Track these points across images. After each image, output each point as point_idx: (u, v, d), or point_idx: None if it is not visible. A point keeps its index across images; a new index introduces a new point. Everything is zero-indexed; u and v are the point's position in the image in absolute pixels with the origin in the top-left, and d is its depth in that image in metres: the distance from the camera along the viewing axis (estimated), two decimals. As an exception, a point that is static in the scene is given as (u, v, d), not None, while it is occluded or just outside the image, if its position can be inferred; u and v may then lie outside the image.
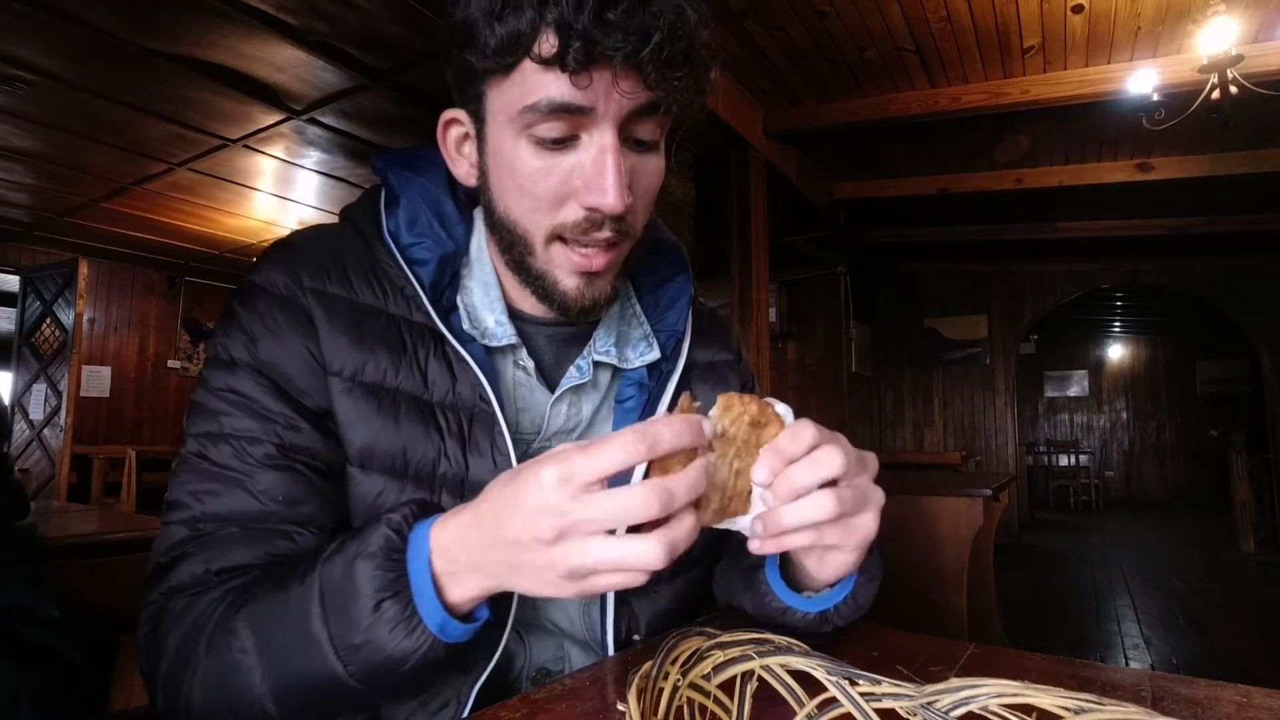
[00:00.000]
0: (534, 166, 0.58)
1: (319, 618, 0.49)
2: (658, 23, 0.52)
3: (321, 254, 0.66)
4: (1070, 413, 11.65)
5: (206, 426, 0.60)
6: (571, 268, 0.62)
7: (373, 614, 0.48)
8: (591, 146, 0.58)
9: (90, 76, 3.38)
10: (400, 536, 0.50)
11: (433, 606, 0.48)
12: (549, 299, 0.65)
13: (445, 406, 0.64)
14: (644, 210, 0.64)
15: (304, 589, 0.51)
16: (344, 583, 0.49)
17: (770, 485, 0.49)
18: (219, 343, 0.63)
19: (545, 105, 0.55)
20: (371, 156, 0.72)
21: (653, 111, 0.58)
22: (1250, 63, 3.00)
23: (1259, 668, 3.38)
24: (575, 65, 0.52)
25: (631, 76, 0.54)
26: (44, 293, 6.04)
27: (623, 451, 0.42)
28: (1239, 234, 5.77)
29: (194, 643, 0.53)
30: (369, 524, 0.52)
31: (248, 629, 0.52)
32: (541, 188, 0.59)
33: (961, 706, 0.44)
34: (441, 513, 0.52)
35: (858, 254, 6.70)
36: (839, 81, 3.77)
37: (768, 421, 0.50)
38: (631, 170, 0.60)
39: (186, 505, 0.59)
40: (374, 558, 0.49)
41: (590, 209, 0.59)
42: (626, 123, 0.58)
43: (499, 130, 0.60)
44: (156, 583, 0.58)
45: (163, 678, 0.55)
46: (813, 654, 0.51)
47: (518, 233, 0.63)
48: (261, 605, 0.52)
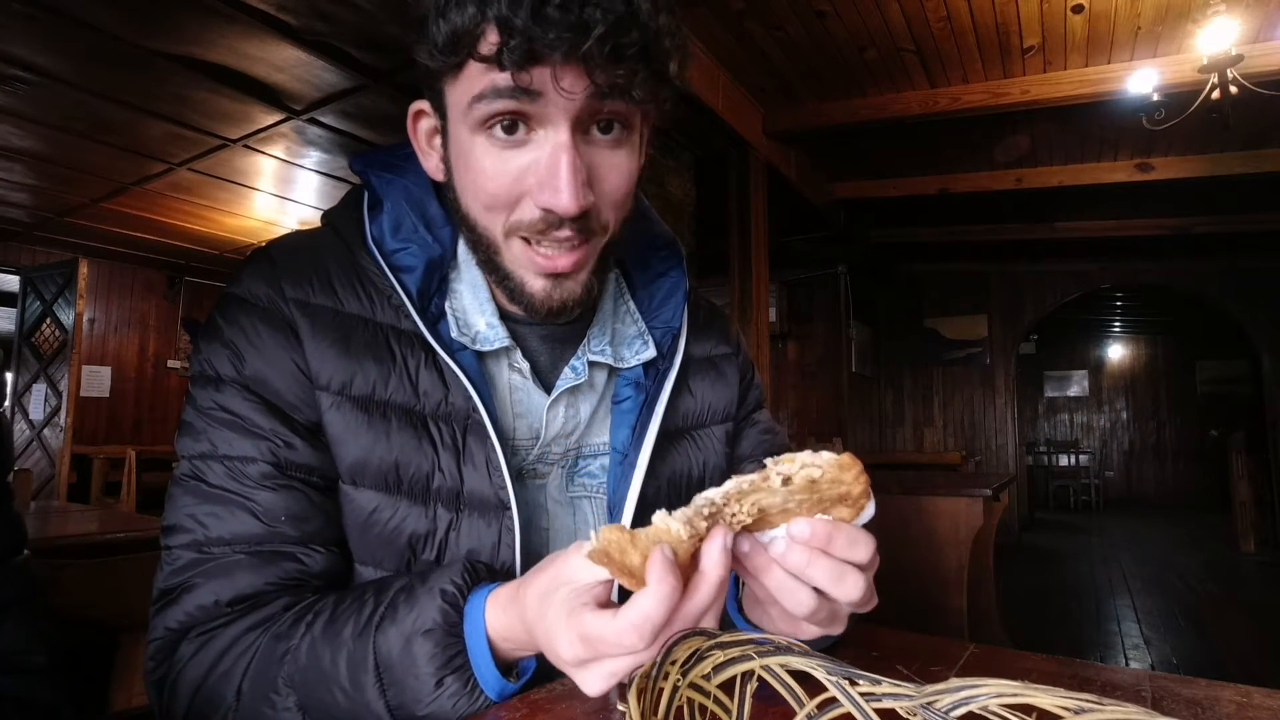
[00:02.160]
0: (488, 164, 0.57)
1: (376, 690, 0.50)
2: (600, 15, 0.50)
3: (303, 263, 0.64)
4: (1070, 413, 11.64)
5: (199, 447, 0.59)
6: (535, 269, 0.60)
7: (435, 690, 0.49)
8: (545, 144, 0.56)
9: (90, 76, 3.38)
10: (456, 610, 0.50)
11: (493, 679, 0.50)
12: (518, 300, 0.63)
13: (438, 417, 0.62)
14: (614, 206, 0.61)
15: (356, 657, 0.51)
16: (402, 658, 0.50)
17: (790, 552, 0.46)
18: (203, 359, 0.61)
19: (490, 92, 0.54)
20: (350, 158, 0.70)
21: (612, 97, 0.54)
22: (1250, 63, 3.00)
23: (1259, 668, 3.37)
24: (514, 63, 0.51)
25: (574, 72, 0.52)
26: (44, 293, 6.04)
27: (618, 649, 0.42)
28: (1239, 234, 5.76)
29: (221, 689, 0.53)
30: (419, 590, 0.52)
31: (290, 689, 0.52)
32: (495, 186, 0.57)
33: (961, 706, 0.44)
34: (487, 575, 0.53)
35: (858, 254, 6.69)
36: (839, 81, 3.77)
37: (851, 505, 0.47)
38: (593, 166, 0.57)
39: (188, 529, 0.57)
40: (433, 634, 0.49)
41: (545, 209, 0.57)
42: (584, 117, 0.55)
43: (457, 127, 0.58)
44: (162, 615, 0.57)
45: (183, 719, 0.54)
46: (813, 654, 0.51)
47: (479, 230, 0.61)
48: (306, 664, 0.52)
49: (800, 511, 0.47)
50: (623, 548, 0.41)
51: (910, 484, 3.04)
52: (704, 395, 0.77)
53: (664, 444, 0.70)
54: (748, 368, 0.85)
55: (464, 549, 0.61)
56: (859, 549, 0.47)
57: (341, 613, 0.53)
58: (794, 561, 0.46)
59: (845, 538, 0.46)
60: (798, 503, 0.46)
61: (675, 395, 0.72)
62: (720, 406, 0.79)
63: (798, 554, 0.46)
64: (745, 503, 0.45)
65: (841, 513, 0.47)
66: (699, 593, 0.42)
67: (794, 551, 0.46)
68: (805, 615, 0.47)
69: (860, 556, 0.47)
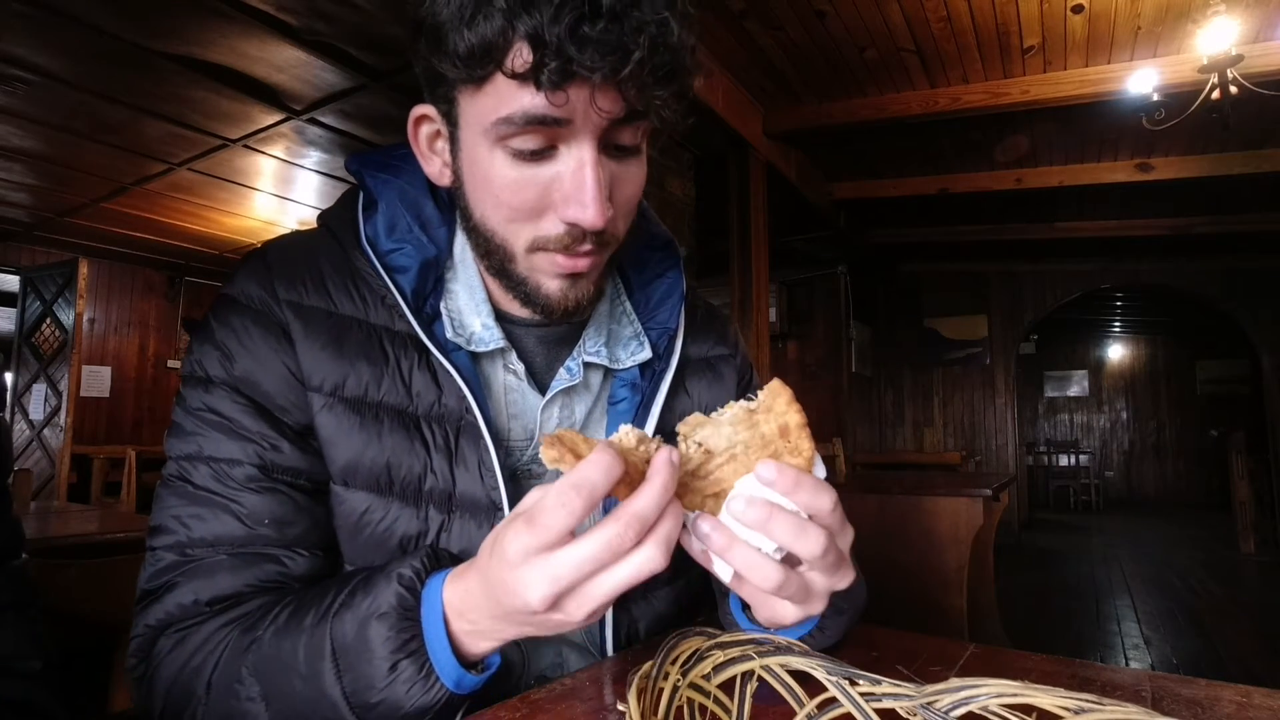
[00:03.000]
0: (510, 178, 0.56)
1: (332, 676, 0.49)
2: (638, 39, 0.49)
3: (297, 264, 0.64)
4: (1070, 413, 11.64)
5: (186, 449, 0.59)
6: (555, 271, 0.60)
7: (389, 674, 0.48)
8: (570, 159, 0.55)
9: (90, 76, 3.38)
10: (413, 594, 0.49)
11: (449, 665, 0.48)
12: (532, 303, 0.63)
13: (431, 419, 0.62)
14: (625, 217, 0.62)
15: (314, 644, 0.50)
16: (356, 643, 0.49)
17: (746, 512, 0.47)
18: (195, 359, 0.61)
19: (520, 119, 0.52)
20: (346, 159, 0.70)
21: (636, 120, 0.55)
22: (1250, 63, 3.00)
23: (1259, 668, 3.38)
24: (550, 84, 0.49)
25: (611, 94, 0.52)
26: (44, 293, 6.04)
27: (566, 514, 0.41)
28: (1239, 234, 5.77)
29: (192, 684, 0.53)
30: (378, 576, 0.51)
31: (254, 678, 0.51)
32: (519, 200, 0.57)
33: (961, 706, 0.44)
34: (450, 562, 0.52)
35: (858, 254, 6.70)
36: (839, 81, 3.77)
37: (794, 451, 0.49)
38: (612, 179, 0.57)
39: (172, 530, 0.58)
40: (387, 618, 0.48)
41: (570, 224, 0.56)
42: (606, 132, 0.55)
43: (473, 138, 0.57)
44: (144, 614, 0.57)
45: (159, 715, 0.55)
46: (813, 654, 0.51)
47: (495, 241, 0.60)
48: (268, 654, 0.51)
49: (747, 458, 0.48)
50: (574, 441, 0.43)
51: (910, 484, 3.04)
52: (701, 396, 0.77)
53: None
54: (746, 369, 0.84)
55: (456, 550, 0.61)
56: (822, 497, 0.48)
57: (305, 603, 0.53)
58: (755, 517, 0.46)
59: (811, 483, 0.47)
60: (743, 445, 0.48)
61: (672, 396, 0.71)
62: (717, 408, 0.78)
63: (757, 509, 0.46)
64: (692, 436, 0.49)
65: (790, 461, 0.48)
66: (643, 494, 0.42)
67: (754, 507, 0.46)
68: (774, 589, 0.47)
69: (824, 505, 0.47)
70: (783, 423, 0.48)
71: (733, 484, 0.48)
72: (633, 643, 0.69)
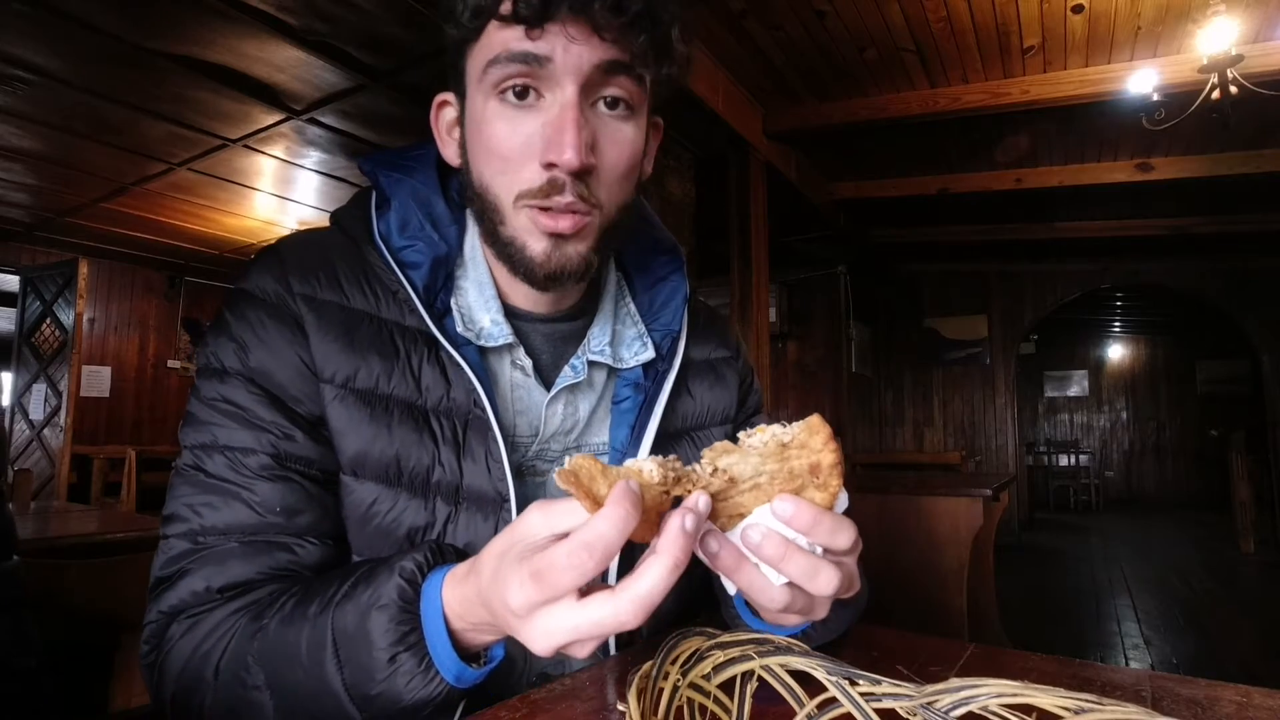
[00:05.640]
0: (500, 127, 0.60)
1: (333, 666, 0.49)
2: None
3: (311, 259, 0.65)
4: (1070, 413, 11.64)
5: (200, 438, 0.60)
6: (539, 230, 0.61)
7: (388, 666, 0.48)
8: (554, 105, 0.58)
9: (90, 76, 3.38)
10: (413, 587, 0.49)
11: (449, 658, 0.48)
12: (517, 267, 0.63)
13: (439, 412, 0.63)
14: (614, 183, 0.62)
15: (316, 634, 0.50)
16: (357, 634, 0.49)
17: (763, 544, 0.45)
18: (210, 351, 0.62)
19: (505, 57, 0.57)
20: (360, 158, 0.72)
21: (618, 71, 0.58)
22: (1250, 63, 3.00)
23: (1259, 668, 3.38)
24: (528, 16, 0.55)
25: (582, 26, 0.56)
26: (44, 293, 6.03)
27: (577, 575, 0.39)
28: (1239, 234, 5.77)
29: (201, 670, 0.53)
30: (381, 568, 0.51)
31: (259, 666, 0.52)
32: (507, 147, 0.60)
33: (961, 706, 0.44)
34: (455, 556, 0.52)
35: (858, 254, 6.69)
36: (839, 81, 3.77)
37: (822, 486, 0.46)
38: (597, 134, 0.60)
39: (184, 519, 0.58)
40: (387, 609, 0.49)
41: (548, 165, 0.58)
42: (592, 83, 0.58)
43: (474, 96, 0.62)
44: (157, 601, 0.58)
45: (170, 700, 0.55)
46: (813, 654, 0.51)
47: (488, 198, 0.63)
48: (273, 642, 0.52)
49: (771, 488, 0.46)
50: (592, 475, 0.41)
51: (910, 484, 3.04)
52: (703, 397, 0.78)
53: (663, 444, 0.71)
54: (747, 372, 0.86)
55: (462, 542, 0.62)
56: (841, 535, 0.46)
57: (310, 593, 0.53)
58: (769, 553, 0.45)
59: (830, 522, 0.46)
60: (769, 476, 0.46)
61: (674, 397, 0.72)
62: (719, 409, 0.80)
63: (773, 546, 0.44)
64: (718, 463, 0.45)
65: (814, 495, 0.46)
66: (652, 575, 0.39)
67: (769, 543, 0.44)
68: (780, 609, 0.47)
69: (842, 543, 0.46)
70: (815, 460, 0.46)
71: (751, 510, 0.47)
72: (633, 642, 0.69)
